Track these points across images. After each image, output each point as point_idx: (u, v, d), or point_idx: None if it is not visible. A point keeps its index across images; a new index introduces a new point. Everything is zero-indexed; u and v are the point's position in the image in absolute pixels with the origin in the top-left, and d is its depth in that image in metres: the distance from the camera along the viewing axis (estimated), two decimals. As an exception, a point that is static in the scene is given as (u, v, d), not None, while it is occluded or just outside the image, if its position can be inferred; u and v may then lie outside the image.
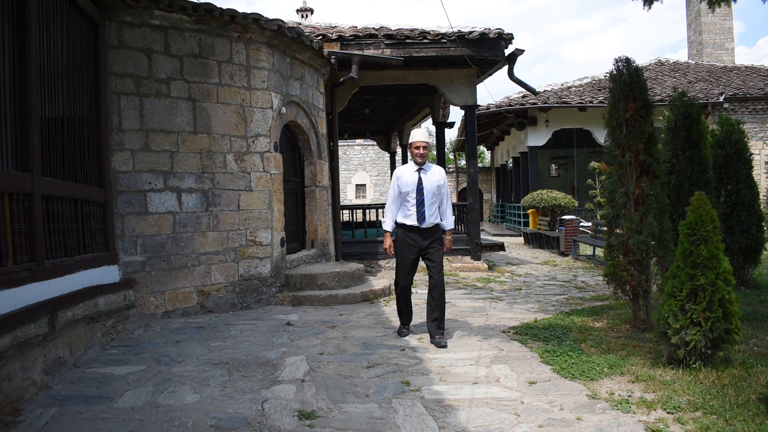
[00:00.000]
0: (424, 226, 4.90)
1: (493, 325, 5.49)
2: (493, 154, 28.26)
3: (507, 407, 3.35)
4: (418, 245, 4.93)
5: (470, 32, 9.30)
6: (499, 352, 4.50)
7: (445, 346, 4.67)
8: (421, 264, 5.15)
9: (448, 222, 5.12)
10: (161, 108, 5.98)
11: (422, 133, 5.07)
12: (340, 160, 22.36)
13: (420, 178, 4.93)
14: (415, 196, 4.90)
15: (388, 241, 5.08)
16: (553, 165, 24.25)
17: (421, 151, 4.92)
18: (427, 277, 5.14)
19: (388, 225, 5.07)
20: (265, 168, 6.77)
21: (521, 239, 16.78)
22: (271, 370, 4.09)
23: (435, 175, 4.99)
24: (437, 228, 5.01)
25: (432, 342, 4.80)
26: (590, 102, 16.82)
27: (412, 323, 5.29)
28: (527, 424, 3.10)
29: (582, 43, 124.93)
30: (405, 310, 5.16)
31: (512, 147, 21.68)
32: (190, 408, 3.37)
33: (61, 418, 3.21)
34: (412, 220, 4.91)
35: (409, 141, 4.96)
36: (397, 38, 9.24)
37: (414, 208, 4.90)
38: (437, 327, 4.86)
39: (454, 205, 12.68)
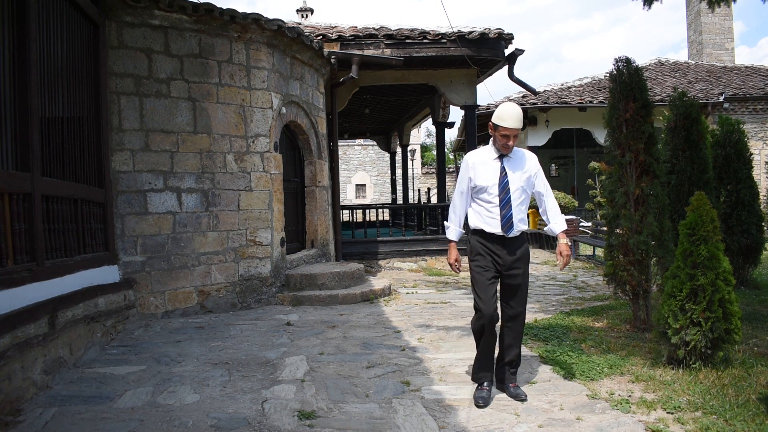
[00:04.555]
0: (511, 234, 3.53)
1: (493, 325, 5.48)
2: (493, 154, 28.21)
3: (507, 407, 3.35)
4: (501, 261, 3.54)
5: (470, 32, 9.30)
6: (499, 352, 4.50)
7: (524, 399, 3.47)
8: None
9: (559, 222, 3.67)
10: (161, 108, 5.98)
11: (516, 114, 3.50)
12: (340, 160, 22.36)
13: (504, 169, 3.57)
14: (498, 193, 3.54)
15: (453, 254, 3.67)
16: (553, 165, 24.24)
17: (510, 141, 3.53)
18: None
19: (452, 232, 3.70)
20: (265, 168, 6.77)
21: (521, 239, 16.75)
22: (271, 370, 4.09)
23: (524, 164, 3.64)
24: (524, 238, 3.65)
25: (504, 392, 3.60)
26: (590, 102, 16.81)
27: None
28: (527, 424, 3.10)
29: (583, 43, 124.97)
30: (488, 353, 3.60)
31: (512, 147, 21.64)
32: (190, 408, 3.37)
33: (61, 418, 3.21)
34: (493, 227, 3.53)
35: (496, 121, 3.52)
36: (397, 38, 9.25)
37: (497, 210, 3.53)
38: (511, 372, 3.64)
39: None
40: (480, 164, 3.62)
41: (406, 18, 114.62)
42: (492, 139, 3.64)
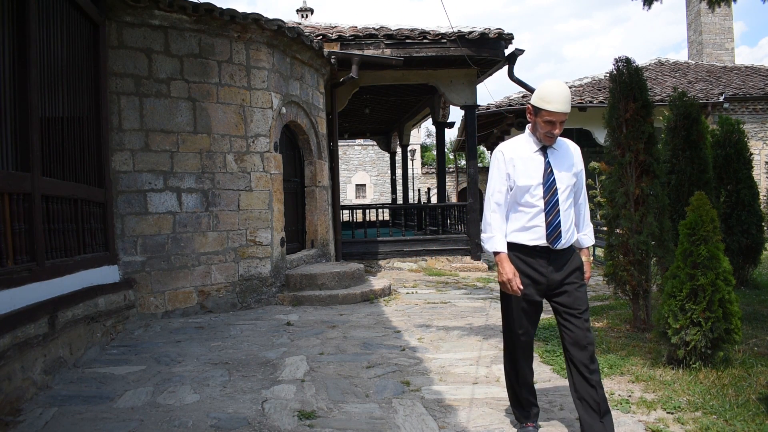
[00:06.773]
0: (558, 246, 2.83)
1: (493, 325, 5.49)
2: (493, 154, 28.16)
3: (507, 407, 3.35)
4: (545, 280, 2.85)
5: (470, 32, 9.30)
6: (500, 352, 4.49)
7: None
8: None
9: (588, 234, 3.05)
10: (161, 108, 5.98)
11: (565, 95, 2.75)
12: (340, 160, 22.36)
13: (549, 164, 2.86)
14: (542, 194, 2.84)
15: (507, 269, 2.80)
16: (553, 165, 24.20)
17: (556, 129, 2.80)
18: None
19: (498, 243, 2.86)
20: (265, 168, 6.77)
21: (521, 239, 16.75)
22: (271, 370, 4.09)
23: (571, 158, 2.93)
24: (573, 249, 2.96)
25: None
26: (590, 102, 16.81)
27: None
28: (527, 424, 3.09)
29: (583, 42, 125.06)
30: (527, 390, 3.02)
31: (512, 147, 21.63)
32: (190, 408, 3.37)
33: (61, 418, 3.21)
34: (536, 237, 2.84)
35: (537, 104, 2.79)
36: (397, 38, 9.25)
37: (541, 217, 2.83)
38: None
39: (453, 206, 12.72)
40: (518, 159, 2.88)
41: (406, 18, 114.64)
42: (530, 126, 2.90)
